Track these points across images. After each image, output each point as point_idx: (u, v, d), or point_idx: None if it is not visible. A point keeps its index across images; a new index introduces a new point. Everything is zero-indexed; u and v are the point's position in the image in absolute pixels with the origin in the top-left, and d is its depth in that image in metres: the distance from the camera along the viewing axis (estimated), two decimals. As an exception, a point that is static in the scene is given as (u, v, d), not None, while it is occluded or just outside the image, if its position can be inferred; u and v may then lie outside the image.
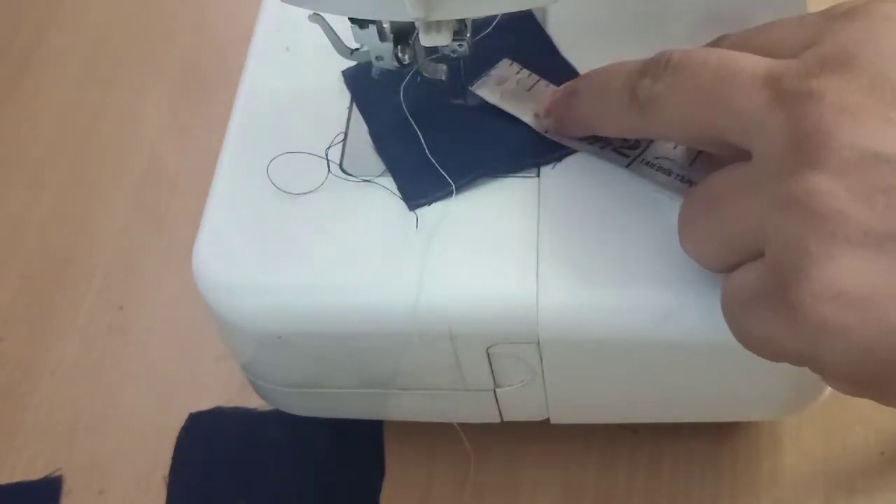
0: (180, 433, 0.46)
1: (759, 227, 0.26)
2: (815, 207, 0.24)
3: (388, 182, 0.36)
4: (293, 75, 0.39)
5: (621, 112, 0.31)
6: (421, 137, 0.35)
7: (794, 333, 0.25)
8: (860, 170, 0.24)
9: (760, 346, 0.27)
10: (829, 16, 0.27)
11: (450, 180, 0.34)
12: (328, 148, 0.37)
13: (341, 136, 0.37)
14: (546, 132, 0.36)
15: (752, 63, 0.27)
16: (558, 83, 0.36)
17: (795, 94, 0.25)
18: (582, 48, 0.38)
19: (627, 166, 0.34)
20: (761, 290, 0.26)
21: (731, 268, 0.28)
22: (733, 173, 0.28)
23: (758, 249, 0.26)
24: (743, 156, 0.27)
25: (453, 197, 0.35)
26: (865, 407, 0.44)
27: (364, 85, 0.38)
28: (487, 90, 0.37)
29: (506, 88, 0.37)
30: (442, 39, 0.32)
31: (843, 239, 0.23)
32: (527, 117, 0.36)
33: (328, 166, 0.36)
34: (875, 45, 0.25)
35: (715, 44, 0.31)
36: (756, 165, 0.26)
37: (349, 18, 0.33)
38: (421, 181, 0.35)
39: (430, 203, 0.35)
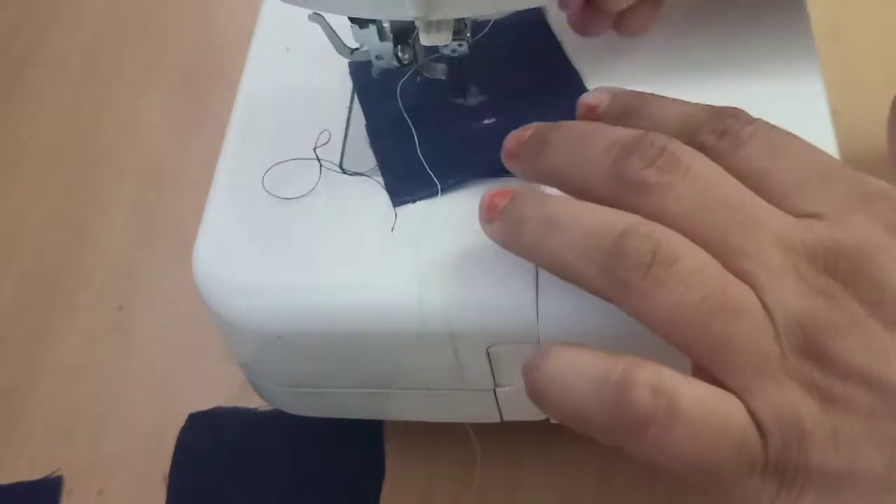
0: (180, 433, 0.46)
1: None
2: None
3: (388, 179, 0.35)
4: (293, 75, 0.39)
5: (601, 184, 0.28)
6: (415, 135, 0.35)
7: None
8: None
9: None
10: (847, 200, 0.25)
11: (436, 180, 0.34)
12: (320, 145, 0.37)
13: (340, 137, 0.37)
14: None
15: (775, 221, 0.25)
16: (563, 92, 0.36)
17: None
18: (590, 53, 0.38)
19: None
20: None
21: None
22: None
23: None
24: None
25: (454, 196, 0.35)
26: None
27: (368, 79, 0.38)
28: None
29: None
30: (442, 39, 0.32)
31: None
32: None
33: (327, 166, 0.36)
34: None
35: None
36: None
37: (349, 18, 0.33)
38: (408, 179, 0.35)
39: (414, 201, 0.35)
